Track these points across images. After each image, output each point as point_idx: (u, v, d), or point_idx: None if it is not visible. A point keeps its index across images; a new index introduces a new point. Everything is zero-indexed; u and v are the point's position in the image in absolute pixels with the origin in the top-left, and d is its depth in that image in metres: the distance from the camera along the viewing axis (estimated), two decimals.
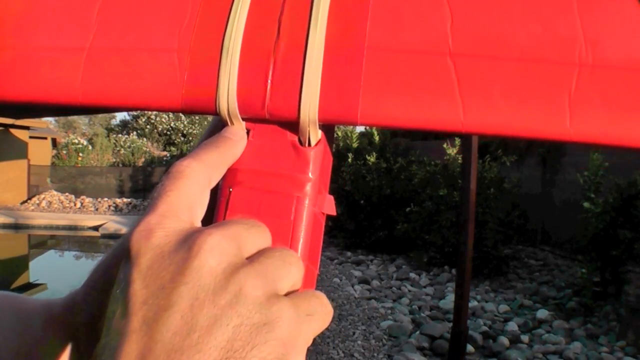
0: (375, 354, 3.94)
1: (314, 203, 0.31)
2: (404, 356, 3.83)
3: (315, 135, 0.31)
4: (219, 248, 0.24)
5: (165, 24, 0.33)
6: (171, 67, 0.32)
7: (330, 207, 0.33)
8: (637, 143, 0.28)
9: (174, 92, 0.32)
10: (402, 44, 0.30)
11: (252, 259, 0.26)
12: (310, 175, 0.31)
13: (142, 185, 15.14)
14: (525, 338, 4.32)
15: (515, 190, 6.86)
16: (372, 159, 7.94)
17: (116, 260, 0.46)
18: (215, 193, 0.30)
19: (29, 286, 7.47)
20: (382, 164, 7.93)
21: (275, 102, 0.30)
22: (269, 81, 0.30)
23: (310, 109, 0.30)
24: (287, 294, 0.26)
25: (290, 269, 0.26)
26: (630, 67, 0.28)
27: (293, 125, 0.31)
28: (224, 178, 0.31)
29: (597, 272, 5.04)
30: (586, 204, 5.09)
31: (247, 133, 0.31)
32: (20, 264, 9.17)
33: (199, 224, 0.28)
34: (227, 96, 0.31)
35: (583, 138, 0.28)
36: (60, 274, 8.22)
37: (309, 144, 0.31)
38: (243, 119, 0.31)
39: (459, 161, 6.31)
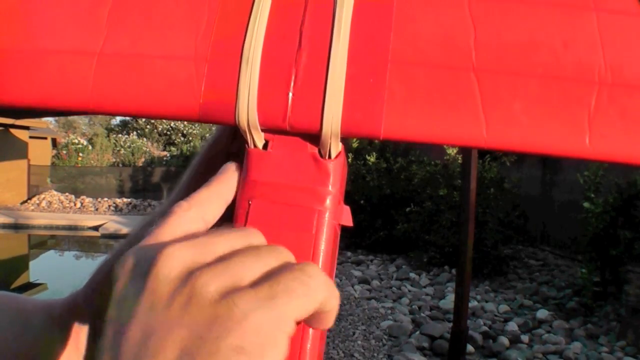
0: (375, 354, 3.94)
1: (334, 216, 0.30)
2: (404, 356, 3.83)
3: (337, 148, 0.30)
4: (174, 255, 0.25)
5: (181, 30, 0.32)
6: (188, 75, 0.31)
7: (347, 218, 0.32)
8: None
9: (191, 101, 0.31)
10: (425, 58, 0.30)
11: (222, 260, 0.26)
12: (330, 188, 0.30)
13: (142, 185, 15.13)
14: (525, 338, 4.32)
15: (515, 191, 6.86)
16: (372, 159, 7.93)
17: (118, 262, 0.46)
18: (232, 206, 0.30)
19: (29, 286, 7.47)
20: (382, 164, 7.92)
21: (297, 114, 0.30)
22: (291, 93, 0.30)
23: (333, 121, 0.29)
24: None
25: (258, 259, 0.25)
26: None
27: (314, 137, 0.30)
28: (242, 190, 0.30)
29: (597, 272, 5.04)
30: (586, 204, 5.09)
31: (266, 144, 0.31)
32: (20, 264, 9.17)
33: None
34: (247, 107, 0.30)
35: (601, 156, 0.29)
36: (60, 274, 8.22)
37: (330, 157, 0.30)
38: (262, 131, 0.31)
39: (459, 161, 6.30)
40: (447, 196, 6.46)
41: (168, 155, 19.23)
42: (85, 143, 18.50)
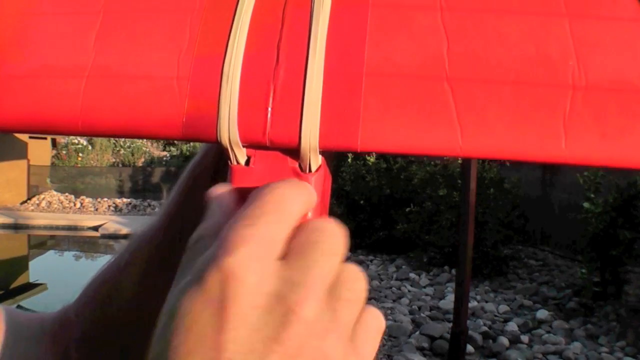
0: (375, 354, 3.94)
1: None
2: (404, 356, 3.83)
3: (316, 161, 0.31)
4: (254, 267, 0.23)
5: (164, 50, 0.33)
6: (171, 94, 0.32)
7: None
8: (631, 164, 0.29)
9: (175, 120, 0.31)
10: (399, 69, 0.30)
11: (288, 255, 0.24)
12: None
13: (142, 186, 15.14)
14: (525, 338, 4.32)
15: (515, 191, 6.86)
16: (371, 159, 7.93)
17: (109, 278, 0.46)
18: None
19: (28, 286, 7.47)
20: (381, 164, 7.92)
21: (275, 130, 0.30)
22: (270, 108, 0.30)
23: (310, 136, 0.30)
24: None
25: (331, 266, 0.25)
26: (623, 88, 0.29)
27: (294, 152, 0.31)
28: None
29: (597, 272, 5.04)
30: (586, 205, 5.09)
31: (248, 160, 0.31)
32: (20, 264, 9.17)
33: None
34: (228, 124, 0.30)
35: (578, 160, 0.29)
36: (60, 274, 8.22)
37: (310, 170, 0.31)
38: (244, 146, 0.31)
39: (459, 161, 6.30)
40: (447, 196, 6.46)
41: (168, 155, 19.23)
42: (85, 143, 18.50)
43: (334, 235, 0.26)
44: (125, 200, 14.29)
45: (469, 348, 4.00)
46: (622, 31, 0.30)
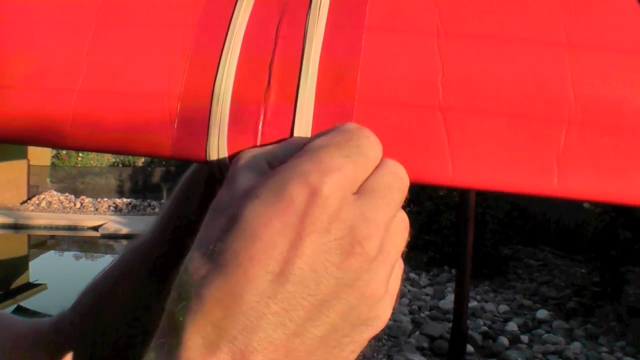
0: (375, 354, 3.94)
1: None
2: (404, 356, 3.83)
3: None
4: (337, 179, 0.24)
5: (155, 67, 0.32)
6: (161, 113, 0.31)
7: None
8: (625, 200, 0.28)
9: (164, 138, 0.31)
10: (392, 96, 0.30)
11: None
12: None
13: (142, 186, 15.14)
14: (525, 338, 4.33)
15: None
16: None
17: (104, 289, 0.46)
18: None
19: (28, 286, 7.47)
20: None
21: None
22: (259, 132, 0.30)
23: None
24: None
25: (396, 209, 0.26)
26: (619, 124, 0.28)
27: None
28: None
29: (597, 272, 5.04)
30: (586, 204, 5.09)
31: None
32: (20, 264, 9.17)
33: None
34: (218, 146, 0.30)
35: (570, 194, 0.28)
36: (60, 274, 8.22)
37: None
38: None
39: None
40: (447, 196, 6.46)
41: None
42: None
43: (404, 181, 0.27)
44: (125, 200, 14.28)
45: (469, 348, 4.00)
46: (623, 64, 0.29)
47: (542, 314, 4.85)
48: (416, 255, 6.81)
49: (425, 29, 0.31)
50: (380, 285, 0.24)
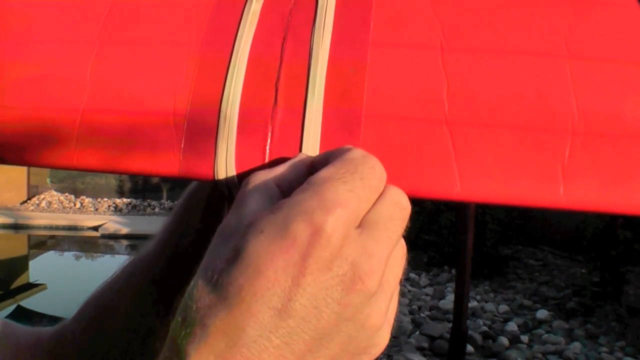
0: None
1: None
2: (404, 356, 3.83)
3: None
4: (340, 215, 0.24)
5: (161, 85, 0.32)
6: (168, 132, 0.31)
7: None
8: (629, 210, 0.28)
9: (171, 158, 0.31)
10: (398, 111, 0.30)
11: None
12: None
13: (142, 185, 15.14)
14: (525, 338, 4.32)
15: None
16: None
17: (105, 300, 0.46)
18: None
19: (29, 286, 7.47)
20: None
21: None
22: (267, 150, 0.30)
23: None
24: None
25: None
26: (622, 134, 0.28)
27: None
28: None
29: (597, 272, 5.04)
30: None
31: None
32: (20, 264, 9.16)
33: None
34: (226, 165, 0.30)
35: (576, 205, 0.28)
36: (60, 274, 8.22)
37: None
38: None
39: None
40: None
41: None
42: None
43: (406, 211, 0.27)
44: (125, 200, 14.28)
45: (469, 348, 4.00)
46: (624, 74, 0.29)
47: (542, 314, 4.85)
48: (416, 255, 6.81)
49: (429, 44, 0.31)
50: (379, 316, 0.25)
